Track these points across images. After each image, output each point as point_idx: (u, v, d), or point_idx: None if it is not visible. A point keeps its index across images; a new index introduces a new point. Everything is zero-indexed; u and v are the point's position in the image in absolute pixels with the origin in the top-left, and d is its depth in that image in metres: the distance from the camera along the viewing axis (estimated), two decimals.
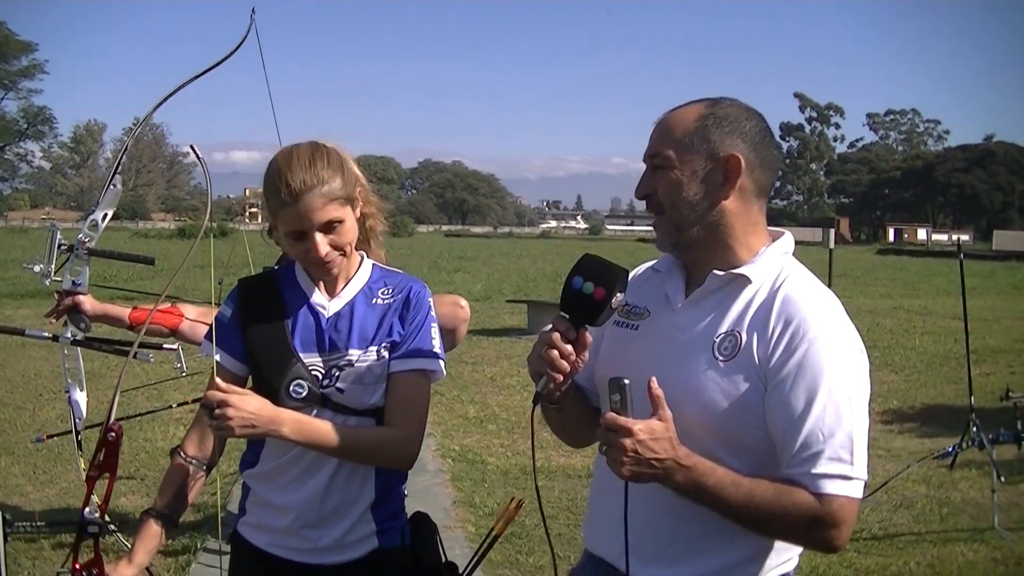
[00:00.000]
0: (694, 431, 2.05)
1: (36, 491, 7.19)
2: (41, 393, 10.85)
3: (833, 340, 2.06)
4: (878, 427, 9.91)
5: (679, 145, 2.17)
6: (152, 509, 2.60)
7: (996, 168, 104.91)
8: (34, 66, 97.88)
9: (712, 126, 2.16)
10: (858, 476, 2.01)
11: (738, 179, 2.15)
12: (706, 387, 2.09)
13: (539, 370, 2.11)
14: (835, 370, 2.03)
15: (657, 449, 1.96)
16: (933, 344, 15.90)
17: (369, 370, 2.57)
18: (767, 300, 2.12)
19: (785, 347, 2.05)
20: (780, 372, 2.04)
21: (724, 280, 2.17)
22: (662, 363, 2.13)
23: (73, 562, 2.52)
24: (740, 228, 2.19)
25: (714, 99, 2.23)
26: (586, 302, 2.07)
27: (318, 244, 2.49)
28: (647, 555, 2.17)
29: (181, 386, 8.02)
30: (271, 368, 2.58)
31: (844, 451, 2.00)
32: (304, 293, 2.65)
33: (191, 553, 5.81)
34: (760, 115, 2.24)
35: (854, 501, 2.01)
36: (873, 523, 6.73)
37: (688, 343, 2.16)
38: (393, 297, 2.65)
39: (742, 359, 2.08)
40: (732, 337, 2.11)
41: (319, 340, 2.59)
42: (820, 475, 1.99)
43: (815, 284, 2.19)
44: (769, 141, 2.22)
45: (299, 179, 2.46)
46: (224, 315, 2.65)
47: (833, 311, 2.13)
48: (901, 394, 11.67)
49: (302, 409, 2.54)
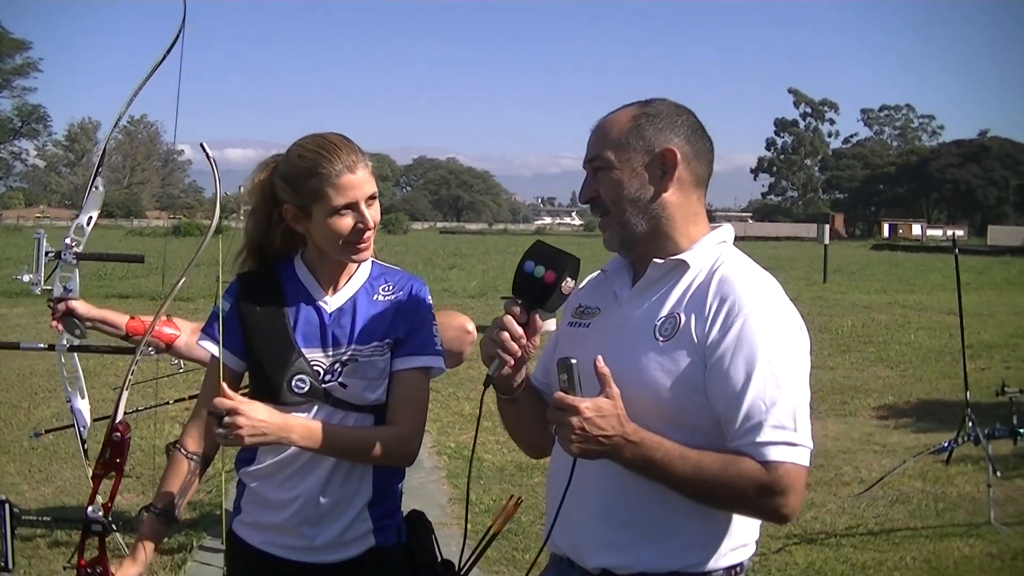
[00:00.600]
0: (640, 412, 2.10)
1: (32, 489, 7.19)
2: (36, 392, 10.83)
3: (768, 314, 2.13)
4: (873, 422, 9.95)
5: (616, 146, 2.28)
6: (152, 505, 2.60)
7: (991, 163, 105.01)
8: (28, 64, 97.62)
9: (646, 124, 2.27)
10: (802, 443, 2.06)
11: (675, 171, 2.26)
12: (649, 368, 2.16)
13: (491, 353, 2.20)
14: (772, 342, 2.09)
15: (604, 426, 2.02)
16: (928, 339, 15.91)
17: (372, 366, 2.58)
18: (704, 282, 2.20)
19: (722, 323, 2.12)
20: (718, 348, 2.10)
21: (665, 268, 2.26)
22: (609, 351, 2.20)
23: (79, 559, 2.53)
24: (681, 219, 2.28)
25: (645, 100, 2.35)
26: (537, 285, 2.19)
27: (367, 214, 2.56)
28: (598, 541, 2.23)
29: (176, 383, 7.98)
30: (273, 363, 2.58)
31: (787, 419, 2.05)
32: (305, 288, 2.65)
33: (188, 551, 5.81)
34: (690, 111, 2.36)
35: (800, 467, 2.05)
36: (869, 518, 6.74)
37: (632, 329, 2.24)
38: (394, 294, 2.66)
39: (681, 338, 2.15)
40: (672, 319, 2.19)
41: (322, 335, 2.60)
42: (764, 443, 2.04)
43: (751, 267, 2.26)
44: (701, 134, 2.33)
45: (346, 153, 2.53)
46: (222, 309, 2.65)
47: (768, 289, 2.20)
48: (896, 389, 11.69)
49: (303, 404, 2.54)
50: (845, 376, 12.65)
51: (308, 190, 2.53)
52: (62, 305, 4.28)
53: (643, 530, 2.17)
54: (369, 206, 2.57)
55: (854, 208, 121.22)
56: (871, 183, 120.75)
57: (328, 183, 2.51)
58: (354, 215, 2.54)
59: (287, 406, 2.56)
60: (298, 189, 2.55)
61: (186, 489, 2.64)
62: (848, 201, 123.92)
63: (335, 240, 2.57)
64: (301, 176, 2.54)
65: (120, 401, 2.56)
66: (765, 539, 6.20)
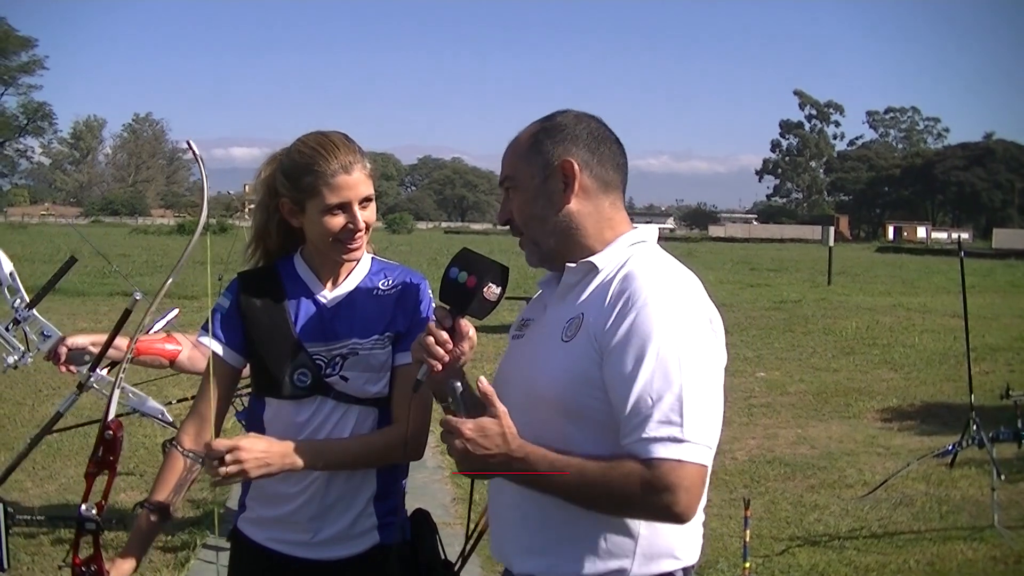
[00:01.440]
0: (546, 412, 2.13)
1: (35, 487, 7.19)
2: (40, 389, 10.83)
3: (662, 305, 2.09)
4: (877, 425, 9.93)
5: (519, 165, 2.31)
6: (148, 502, 2.60)
7: (996, 166, 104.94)
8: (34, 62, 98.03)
9: (544, 139, 2.29)
10: (690, 439, 1.99)
11: (575, 181, 2.25)
12: (554, 367, 2.16)
13: (418, 357, 2.23)
14: (664, 334, 2.05)
15: (488, 445, 2.04)
16: (932, 342, 15.88)
17: (373, 359, 2.60)
18: (609, 280, 2.20)
19: (616, 316, 2.10)
20: (612, 340, 2.09)
21: (579, 272, 2.26)
22: (526, 358, 2.26)
23: (74, 558, 2.53)
24: (592, 226, 2.28)
25: (549, 115, 2.35)
26: (460, 291, 2.21)
27: (359, 215, 2.58)
28: (521, 546, 2.23)
29: (180, 382, 8.00)
30: (274, 357, 2.60)
31: (673, 414, 2.00)
32: (305, 283, 2.68)
33: (191, 549, 5.81)
34: (595, 118, 2.36)
35: (687, 464, 1.99)
36: (873, 521, 6.74)
37: (546, 335, 2.25)
38: (394, 288, 2.69)
39: (581, 336, 2.15)
40: (576, 319, 2.19)
41: (322, 329, 2.62)
42: (648, 439, 2.00)
43: (661, 264, 2.24)
44: (603, 139, 2.33)
45: (344, 153, 2.56)
46: (222, 306, 2.67)
47: (669, 281, 2.17)
48: (900, 392, 11.66)
49: (305, 398, 2.56)
50: (849, 378, 12.64)
51: (304, 186, 2.56)
52: (61, 349, 4.23)
53: (560, 532, 2.16)
54: (364, 207, 2.59)
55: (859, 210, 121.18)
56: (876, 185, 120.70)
57: (323, 181, 2.54)
58: (346, 215, 2.57)
59: (289, 400, 2.57)
60: (295, 184, 2.59)
61: (182, 486, 2.64)
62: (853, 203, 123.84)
63: (326, 237, 2.59)
64: (298, 171, 2.57)
65: (112, 399, 2.56)
66: (768, 541, 6.20)
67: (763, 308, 21.12)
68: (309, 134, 2.64)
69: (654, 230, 2.37)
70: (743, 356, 13.69)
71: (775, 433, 9.50)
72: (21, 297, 4.44)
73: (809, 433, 9.53)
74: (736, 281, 29.84)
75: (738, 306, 21.18)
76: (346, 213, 2.56)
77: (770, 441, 9.18)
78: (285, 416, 2.60)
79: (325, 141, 2.59)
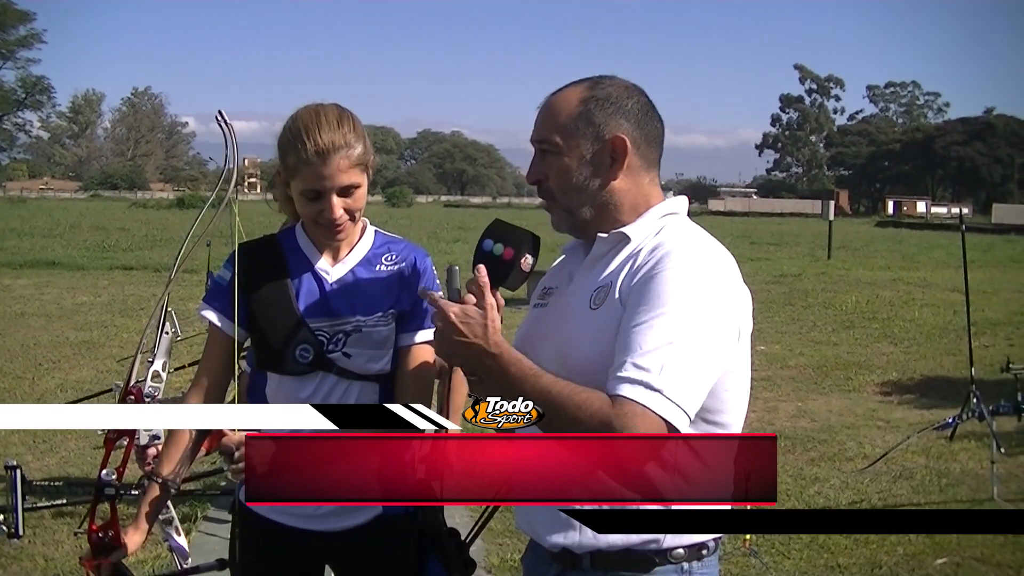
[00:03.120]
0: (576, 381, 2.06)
1: (36, 460, 7.21)
2: (40, 363, 10.85)
3: (685, 270, 2.07)
4: (877, 398, 9.96)
5: (564, 130, 2.22)
6: (155, 474, 2.60)
7: (996, 141, 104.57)
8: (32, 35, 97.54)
9: (595, 108, 2.22)
10: (662, 389, 1.95)
11: (626, 159, 2.21)
12: (582, 336, 2.15)
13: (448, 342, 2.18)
14: (677, 295, 2.03)
15: (466, 332, 2.03)
16: (932, 316, 15.87)
17: (376, 335, 2.59)
18: (638, 251, 2.17)
19: (641, 278, 2.09)
20: (628, 302, 2.08)
21: (610, 242, 2.23)
22: (551, 327, 2.24)
23: (90, 524, 2.54)
24: (629, 203, 2.26)
25: (595, 79, 2.28)
26: (496, 263, 2.18)
27: (334, 206, 2.52)
28: (552, 519, 2.17)
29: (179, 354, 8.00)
30: (276, 333, 2.59)
31: (653, 362, 1.97)
32: (307, 258, 2.65)
33: (192, 522, 5.83)
34: (641, 90, 2.30)
35: (650, 413, 1.94)
36: (872, 494, 6.77)
37: (574, 304, 2.22)
38: (397, 264, 2.66)
39: (610, 303, 2.13)
40: (605, 287, 2.17)
41: (324, 305, 2.60)
42: (620, 377, 1.98)
43: (692, 236, 2.21)
44: (652, 116, 2.28)
45: (327, 139, 2.48)
46: (223, 279, 2.65)
47: (699, 252, 2.14)
48: (900, 366, 11.69)
49: (308, 375, 2.56)
50: (849, 352, 12.65)
51: (288, 164, 2.55)
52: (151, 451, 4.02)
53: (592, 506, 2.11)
54: (346, 195, 2.53)
55: (859, 185, 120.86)
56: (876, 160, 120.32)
57: (303, 163, 2.50)
58: (320, 203, 2.53)
59: (291, 376, 2.57)
60: (283, 160, 2.57)
61: (187, 458, 2.64)
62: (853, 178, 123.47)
63: (307, 218, 2.59)
64: (285, 149, 2.55)
65: (133, 365, 2.57)
66: None
67: (763, 282, 21.09)
68: (305, 108, 2.59)
69: (684, 201, 2.33)
70: None
71: (775, 406, 9.52)
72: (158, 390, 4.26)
73: (809, 406, 9.55)
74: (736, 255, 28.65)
75: None
76: (322, 201, 2.52)
77: (770, 414, 9.20)
78: (287, 391, 2.60)
79: (313, 121, 2.52)
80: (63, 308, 15.52)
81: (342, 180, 2.51)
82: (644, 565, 2.15)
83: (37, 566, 5.44)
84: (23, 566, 5.44)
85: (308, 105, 2.61)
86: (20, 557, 5.51)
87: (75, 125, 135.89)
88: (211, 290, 2.68)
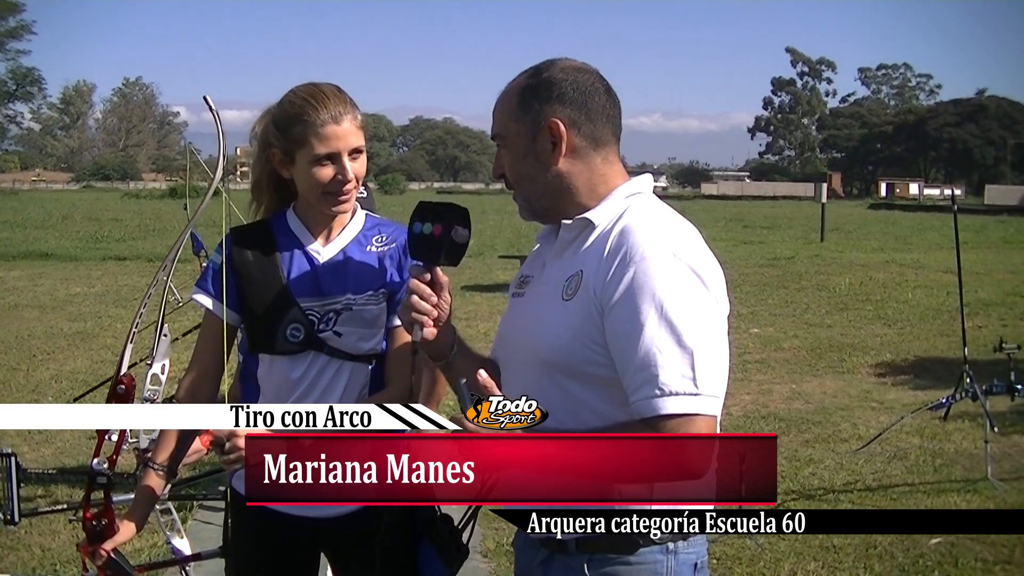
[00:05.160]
0: (550, 372, 2.12)
1: (32, 451, 7.21)
2: (35, 354, 10.84)
3: (661, 258, 2.07)
4: (871, 380, 9.98)
5: (508, 123, 2.27)
6: (151, 461, 2.61)
7: (988, 123, 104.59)
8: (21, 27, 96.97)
9: (531, 97, 2.24)
10: (703, 391, 2.00)
11: (563, 142, 2.21)
12: (555, 326, 2.16)
13: (408, 320, 2.24)
14: (664, 287, 2.03)
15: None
16: (925, 297, 15.91)
17: (366, 315, 2.60)
18: (606, 234, 2.18)
19: (615, 271, 2.08)
20: (612, 296, 2.07)
21: (575, 228, 2.24)
22: (527, 318, 2.25)
23: (84, 512, 2.54)
24: (583, 184, 2.25)
25: (537, 66, 2.30)
26: (428, 241, 2.24)
27: (348, 166, 2.56)
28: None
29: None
30: (267, 313, 2.60)
31: (684, 367, 2.00)
32: (298, 239, 2.67)
33: (188, 510, 5.83)
34: (587, 70, 2.30)
35: (700, 417, 1.99)
36: (867, 474, 6.80)
37: (547, 293, 2.24)
38: (387, 245, 2.68)
39: (582, 293, 2.14)
40: (576, 276, 2.17)
41: (315, 284, 2.62)
42: (659, 395, 1.99)
43: (658, 216, 2.21)
44: (594, 91, 2.26)
45: (334, 104, 2.55)
46: (215, 262, 2.66)
47: (666, 233, 2.14)
48: (894, 347, 11.72)
49: (299, 354, 2.57)
50: (843, 334, 12.68)
51: (294, 135, 2.56)
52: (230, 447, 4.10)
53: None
54: (353, 159, 2.59)
55: (851, 167, 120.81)
56: (868, 142, 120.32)
57: (312, 131, 2.53)
58: (335, 166, 2.56)
59: (282, 355, 2.57)
60: (285, 134, 2.58)
61: (183, 445, 2.65)
62: (845, 160, 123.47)
63: (315, 189, 2.59)
64: (289, 121, 2.57)
65: (125, 354, 2.57)
66: None
67: (756, 265, 21.13)
68: (301, 85, 2.63)
69: (649, 179, 2.33)
70: (737, 313, 13.63)
71: (770, 389, 9.54)
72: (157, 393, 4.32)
73: (803, 388, 9.58)
74: (729, 238, 29.79)
75: (732, 263, 21.14)
76: (335, 164, 2.56)
77: (765, 396, 9.22)
78: (279, 372, 2.61)
79: (316, 92, 2.58)
80: (57, 299, 15.50)
81: (353, 142, 2.57)
82: (628, 547, 2.17)
83: (34, 556, 5.45)
84: (20, 556, 5.45)
85: (301, 84, 2.64)
86: (17, 547, 5.52)
87: (66, 116, 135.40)
88: (204, 274, 2.69)
